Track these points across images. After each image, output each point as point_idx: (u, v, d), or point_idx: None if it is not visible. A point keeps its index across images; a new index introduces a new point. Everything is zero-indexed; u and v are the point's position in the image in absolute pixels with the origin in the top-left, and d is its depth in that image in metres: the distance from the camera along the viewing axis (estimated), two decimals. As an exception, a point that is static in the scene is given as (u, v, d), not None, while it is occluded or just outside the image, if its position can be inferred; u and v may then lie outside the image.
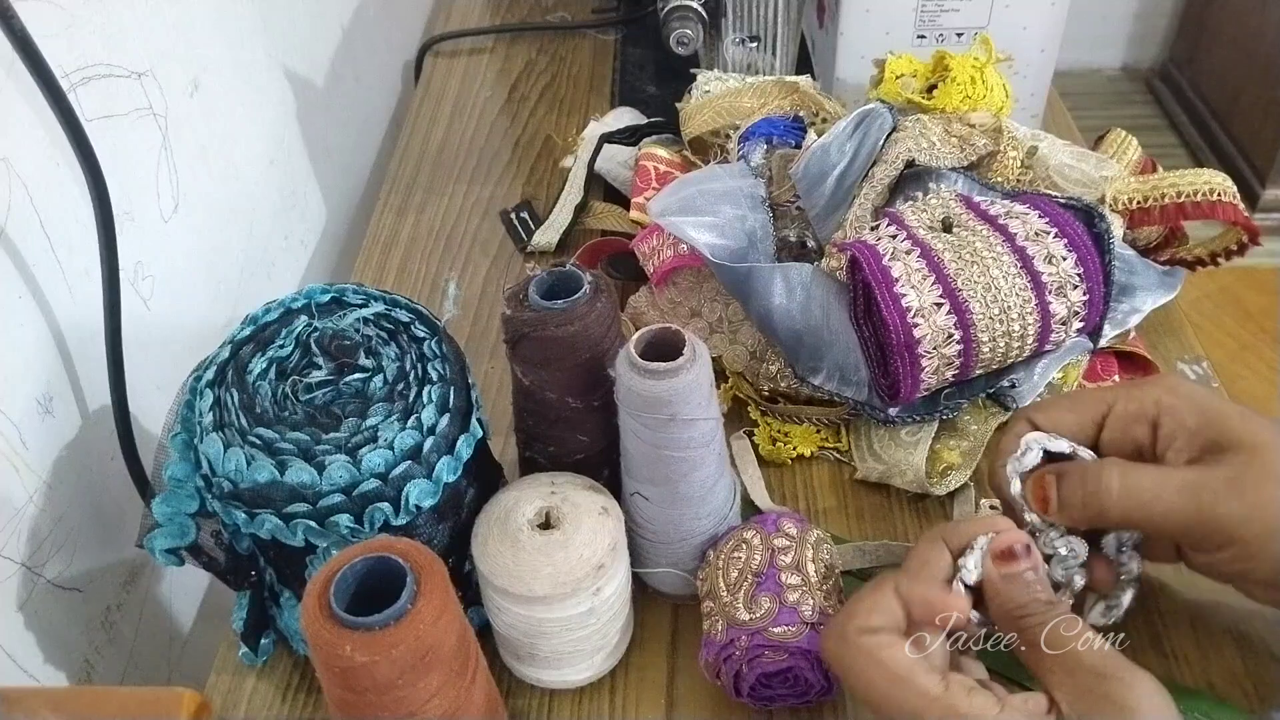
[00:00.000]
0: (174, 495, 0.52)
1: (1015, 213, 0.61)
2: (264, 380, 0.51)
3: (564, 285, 0.55)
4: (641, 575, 0.59)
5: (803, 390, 0.67)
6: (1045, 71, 0.88)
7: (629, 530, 0.56)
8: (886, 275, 0.60)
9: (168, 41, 0.70)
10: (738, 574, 0.53)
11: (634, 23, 1.15)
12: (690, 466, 0.53)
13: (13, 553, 0.54)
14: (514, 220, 0.89)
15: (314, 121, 0.95)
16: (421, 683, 0.43)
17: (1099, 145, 0.77)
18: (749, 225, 0.70)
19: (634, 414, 0.52)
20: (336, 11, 1.05)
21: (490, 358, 0.77)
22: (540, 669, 0.55)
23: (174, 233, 0.71)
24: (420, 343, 0.54)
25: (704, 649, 0.53)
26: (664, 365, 0.50)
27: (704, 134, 0.82)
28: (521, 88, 1.09)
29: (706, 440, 0.53)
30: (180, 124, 0.72)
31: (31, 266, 0.56)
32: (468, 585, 0.56)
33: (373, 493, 0.49)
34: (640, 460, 0.54)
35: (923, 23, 0.84)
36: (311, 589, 0.43)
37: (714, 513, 0.56)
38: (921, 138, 0.70)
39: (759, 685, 0.52)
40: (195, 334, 0.72)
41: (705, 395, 0.52)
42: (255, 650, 0.57)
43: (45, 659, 0.56)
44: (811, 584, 0.52)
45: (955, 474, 0.64)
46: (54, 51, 0.55)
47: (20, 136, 0.56)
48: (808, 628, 0.51)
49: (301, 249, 0.93)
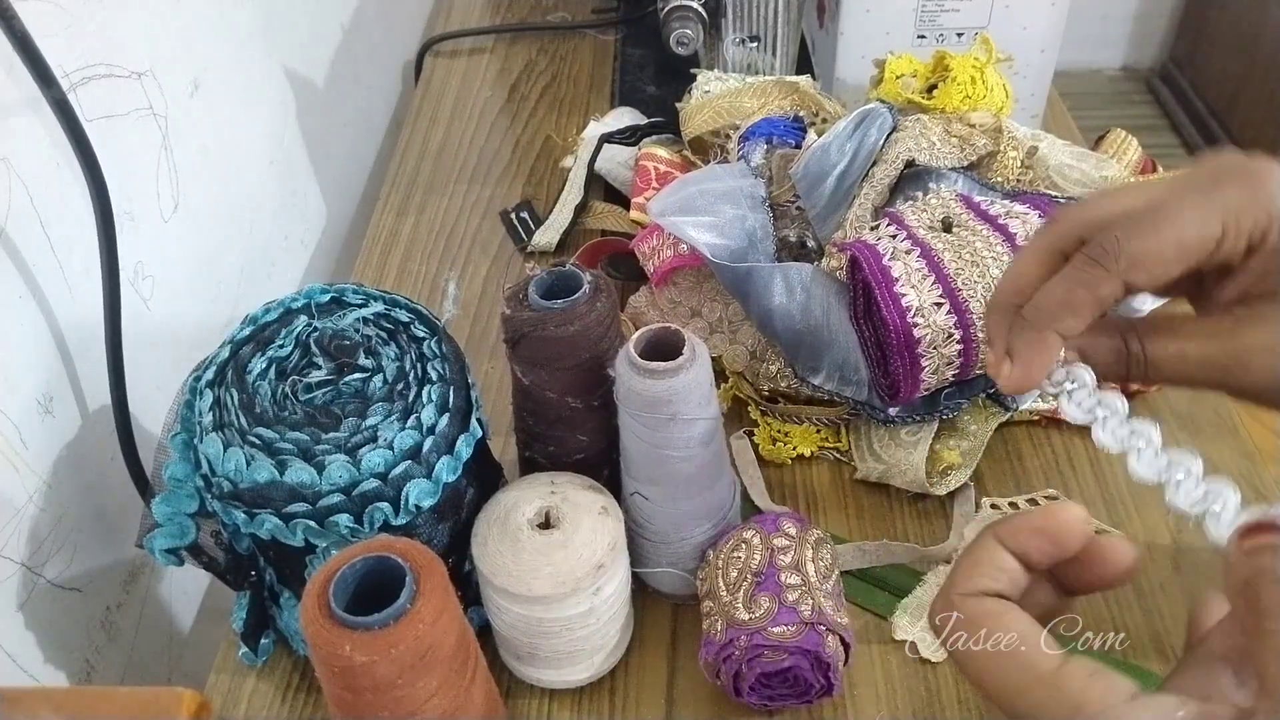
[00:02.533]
0: (174, 495, 0.52)
1: (1015, 213, 0.61)
2: (264, 380, 0.51)
3: (564, 285, 0.55)
4: (641, 575, 0.59)
5: (803, 390, 0.67)
6: (1045, 71, 0.88)
7: (629, 530, 0.56)
8: (886, 275, 0.60)
9: (168, 41, 0.70)
10: (737, 574, 0.53)
11: (634, 23, 1.15)
12: (690, 466, 0.53)
13: (13, 553, 0.54)
14: (514, 220, 0.89)
15: (314, 121, 0.95)
16: (421, 682, 0.43)
17: (1099, 145, 0.77)
18: (749, 225, 0.70)
19: (634, 414, 0.52)
20: (336, 11, 1.05)
21: (490, 358, 0.77)
22: (540, 669, 0.55)
23: (174, 233, 0.71)
24: (420, 343, 0.54)
25: (704, 649, 0.53)
26: (664, 365, 0.50)
27: (704, 134, 0.82)
28: (521, 88, 1.09)
29: (706, 440, 0.53)
30: (180, 124, 0.72)
31: (31, 266, 0.56)
32: (468, 585, 0.56)
33: (372, 493, 0.49)
34: (640, 460, 0.54)
35: (923, 23, 0.84)
36: (311, 589, 0.43)
37: (714, 513, 0.56)
38: (921, 138, 0.70)
39: (759, 685, 0.52)
40: (195, 334, 0.72)
41: (705, 395, 0.52)
42: (255, 650, 0.57)
43: (45, 659, 0.56)
44: (811, 584, 0.52)
45: (955, 474, 0.64)
46: (54, 51, 0.55)
47: (20, 136, 0.56)
48: (807, 628, 0.50)
49: (301, 249, 0.93)
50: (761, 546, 0.54)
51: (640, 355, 0.51)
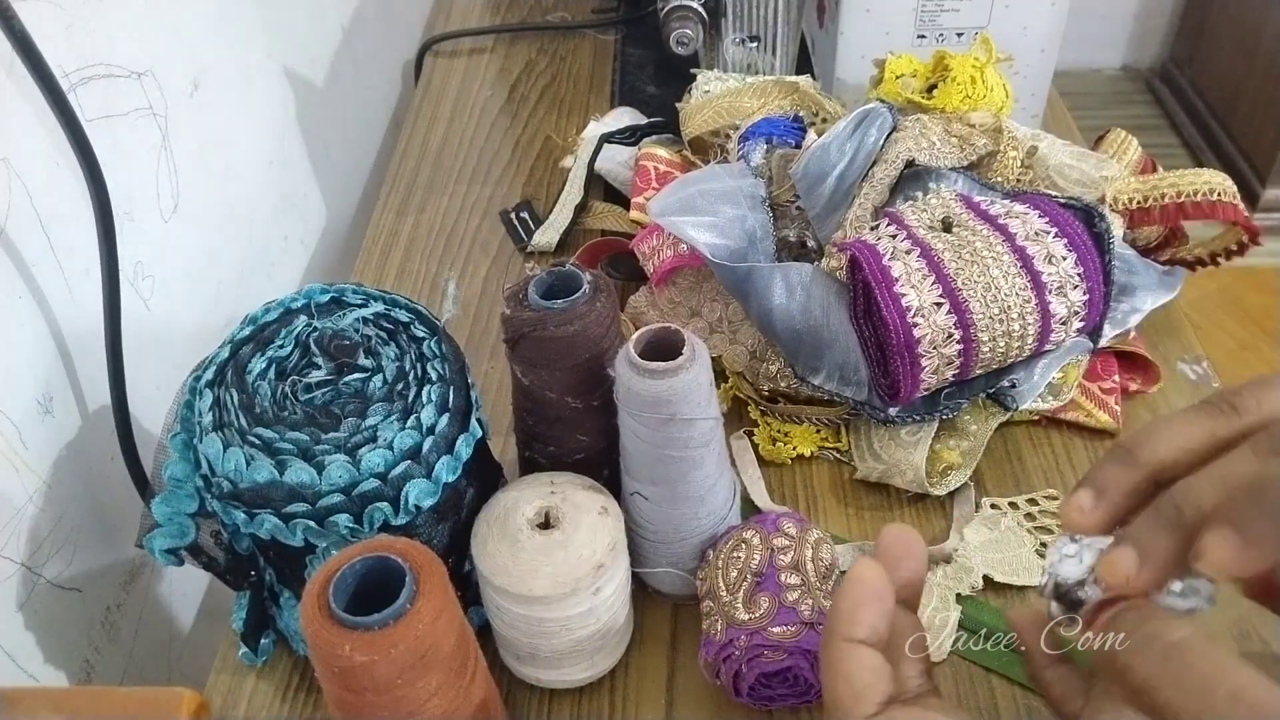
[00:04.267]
0: (174, 495, 0.52)
1: (1015, 212, 0.61)
2: (263, 380, 0.51)
3: (564, 285, 0.55)
4: (641, 575, 0.59)
5: (803, 390, 0.67)
6: (1045, 71, 0.88)
7: (629, 530, 0.56)
8: (886, 275, 0.60)
9: (168, 41, 0.70)
10: (737, 574, 0.53)
11: (634, 23, 1.15)
12: (690, 466, 0.53)
13: (13, 553, 0.54)
14: (514, 220, 0.89)
15: (314, 121, 0.95)
16: (421, 682, 0.43)
17: (1099, 145, 0.77)
18: (749, 225, 0.70)
19: (634, 414, 0.52)
20: (336, 11, 1.05)
21: (490, 358, 0.77)
22: (540, 669, 0.55)
23: (174, 233, 0.71)
24: (420, 342, 0.54)
25: (703, 649, 0.53)
26: (664, 365, 0.50)
27: (704, 134, 0.82)
28: (521, 88, 1.09)
29: (706, 440, 0.53)
30: (180, 124, 0.72)
31: (31, 266, 0.56)
32: (467, 585, 0.56)
33: (372, 493, 0.49)
34: (640, 460, 0.54)
35: (923, 23, 0.84)
36: (311, 589, 0.43)
37: (714, 513, 0.56)
38: (921, 138, 0.70)
39: (758, 685, 0.52)
40: (195, 334, 0.73)
41: (705, 395, 0.52)
42: (255, 650, 0.57)
43: (45, 659, 0.56)
44: (811, 584, 0.52)
45: (955, 474, 0.64)
46: (54, 51, 0.55)
47: (20, 136, 0.56)
48: (807, 628, 0.50)
49: (301, 249, 0.93)
50: (761, 546, 0.54)
51: (640, 355, 0.51)
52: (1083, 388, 0.68)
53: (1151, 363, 0.70)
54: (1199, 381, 0.71)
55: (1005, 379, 0.64)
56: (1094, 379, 0.69)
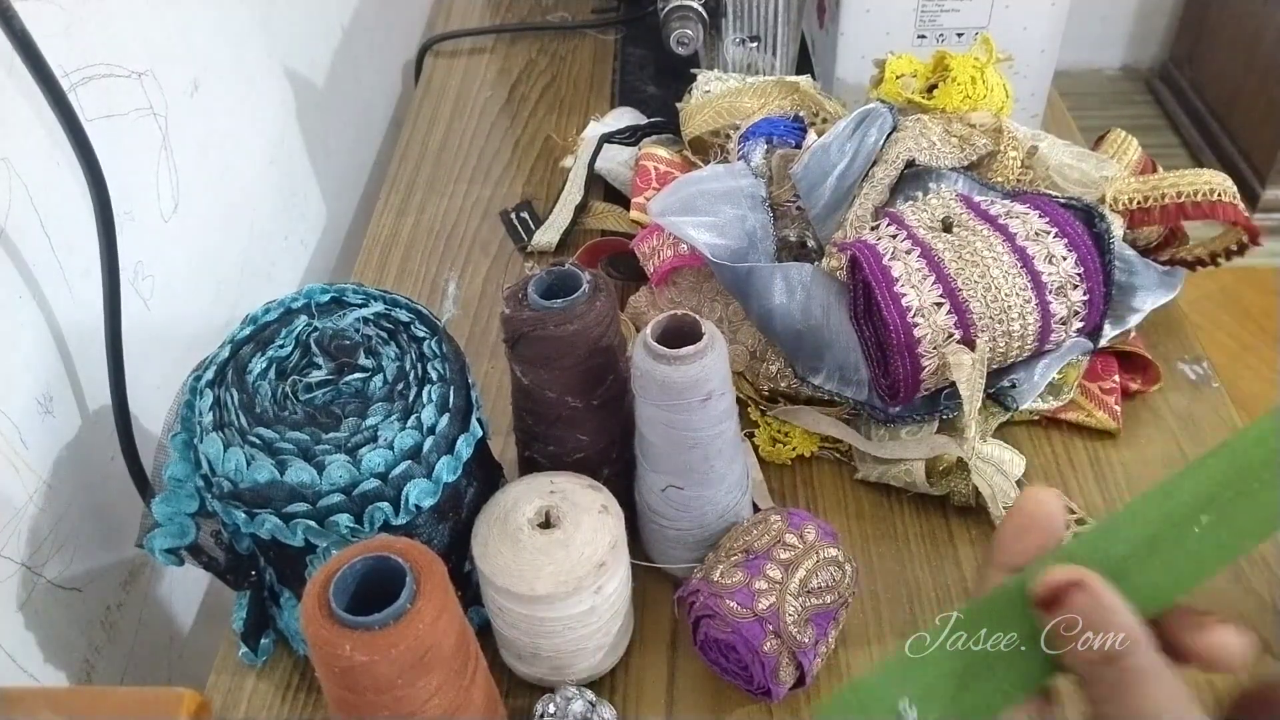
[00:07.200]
0: (174, 495, 0.52)
1: (1015, 213, 0.61)
2: (264, 380, 0.51)
3: (563, 285, 0.55)
4: (671, 572, 0.59)
5: (803, 390, 0.67)
6: (1045, 71, 0.88)
7: (656, 530, 0.57)
8: (886, 275, 0.60)
9: (168, 41, 0.70)
10: (743, 541, 0.55)
11: (634, 23, 1.15)
12: (722, 444, 0.54)
13: (13, 553, 0.54)
14: (514, 220, 0.89)
15: (314, 121, 0.95)
16: (421, 682, 0.43)
17: (1099, 145, 0.77)
18: (749, 225, 0.70)
19: (657, 403, 0.52)
20: (336, 11, 1.05)
21: (490, 358, 0.77)
22: (541, 668, 0.55)
23: (174, 233, 0.71)
24: (420, 342, 0.54)
25: (684, 584, 0.55)
26: (690, 349, 0.50)
27: (704, 134, 0.82)
28: (521, 88, 1.09)
29: (730, 415, 0.54)
30: (180, 124, 0.72)
31: (31, 266, 0.56)
32: (468, 585, 0.56)
33: (372, 492, 0.49)
34: (666, 450, 0.54)
35: (923, 23, 0.84)
36: (311, 589, 0.43)
37: (738, 484, 0.58)
38: (921, 138, 0.70)
39: (707, 644, 0.54)
40: (195, 334, 0.72)
41: (726, 375, 0.53)
42: (255, 650, 0.57)
43: (45, 659, 0.56)
44: (784, 589, 0.52)
45: (955, 474, 0.64)
46: (54, 51, 0.55)
47: (20, 136, 0.56)
48: (755, 620, 0.51)
49: (301, 249, 0.93)
50: (774, 533, 0.55)
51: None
52: (1083, 388, 0.68)
53: (1151, 363, 0.70)
54: (1199, 381, 0.71)
55: (1005, 379, 0.64)
56: (1094, 379, 0.69)
